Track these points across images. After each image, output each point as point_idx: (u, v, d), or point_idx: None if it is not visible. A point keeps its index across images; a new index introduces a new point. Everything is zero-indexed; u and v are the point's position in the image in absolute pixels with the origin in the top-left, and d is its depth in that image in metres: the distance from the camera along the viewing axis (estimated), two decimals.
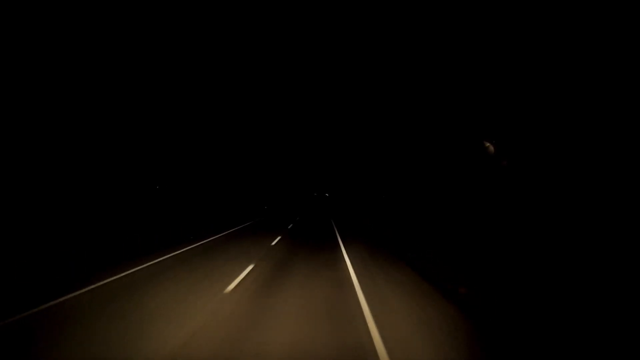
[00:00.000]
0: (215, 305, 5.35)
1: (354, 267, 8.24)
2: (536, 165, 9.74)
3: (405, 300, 5.67)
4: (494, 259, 8.38)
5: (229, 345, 3.99)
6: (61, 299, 5.79)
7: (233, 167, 37.48)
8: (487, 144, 10.64)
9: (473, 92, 13.00)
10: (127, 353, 3.79)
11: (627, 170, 7.30)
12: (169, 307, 5.29)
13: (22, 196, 13.44)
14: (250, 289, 6.28)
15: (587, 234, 7.61)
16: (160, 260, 9.30)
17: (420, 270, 7.76)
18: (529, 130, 10.01)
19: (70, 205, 15.32)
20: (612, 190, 7.53)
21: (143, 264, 8.76)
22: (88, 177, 16.94)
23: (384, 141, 26.41)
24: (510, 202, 10.51)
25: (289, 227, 19.87)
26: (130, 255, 10.00)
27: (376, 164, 29.15)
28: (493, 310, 5.11)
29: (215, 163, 32.95)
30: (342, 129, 40.64)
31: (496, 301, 5.57)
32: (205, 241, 13.33)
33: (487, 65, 11.77)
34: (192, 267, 8.34)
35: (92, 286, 6.59)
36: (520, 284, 6.35)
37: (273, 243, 12.66)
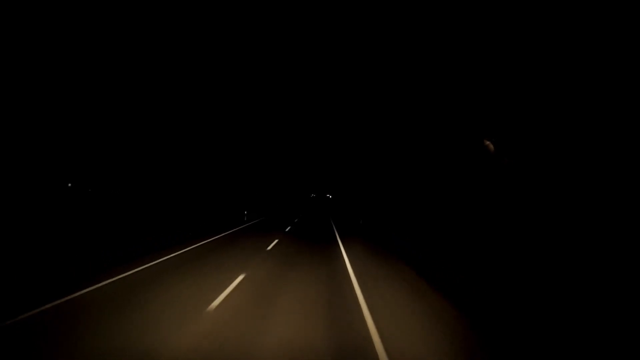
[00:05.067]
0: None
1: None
2: (537, 164, 9.74)
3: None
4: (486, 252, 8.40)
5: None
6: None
7: (230, 168, 37.17)
8: (487, 143, 10.65)
9: (473, 91, 13.01)
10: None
11: (628, 168, 7.31)
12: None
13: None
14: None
15: (588, 233, 7.61)
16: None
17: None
18: (529, 128, 10.02)
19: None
20: (614, 188, 7.54)
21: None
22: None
23: (386, 140, 26.41)
24: (511, 201, 10.51)
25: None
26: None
27: (381, 163, 29.02)
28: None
29: (215, 165, 32.93)
30: (343, 128, 40.60)
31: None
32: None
33: (487, 64, 11.78)
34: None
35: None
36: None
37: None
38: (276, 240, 13.89)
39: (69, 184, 18.29)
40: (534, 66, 9.71)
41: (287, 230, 18.43)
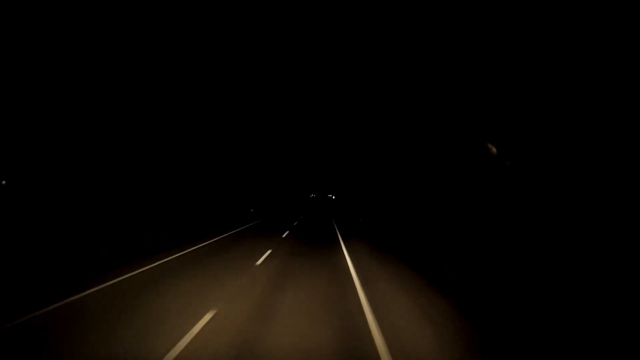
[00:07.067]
0: None
1: None
2: (539, 167, 9.67)
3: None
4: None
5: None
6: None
7: (225, 168, 36.76)
8: (490, 146, 10.57)
9: (475, 93, 12.93)
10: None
11: (629, 170, 7.22)
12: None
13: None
14: None
15: (590, 235, 7.53)
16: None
17: None
18: (532, 131, 9.93)
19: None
20: (615, 191, 7.46)
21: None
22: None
23: (390, 141, 26.32)
24: (514, 204, 10.43)
25: None
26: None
27: (385, 164, 28.78)
28: None
29: (210, 165, 32.91)
30: (345, 129, 40.51)
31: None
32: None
33: (489, 66, 11.70)
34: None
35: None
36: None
37: None
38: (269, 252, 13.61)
39: (3, 181, 16.12)
40: (536, 68, 9.62)
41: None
